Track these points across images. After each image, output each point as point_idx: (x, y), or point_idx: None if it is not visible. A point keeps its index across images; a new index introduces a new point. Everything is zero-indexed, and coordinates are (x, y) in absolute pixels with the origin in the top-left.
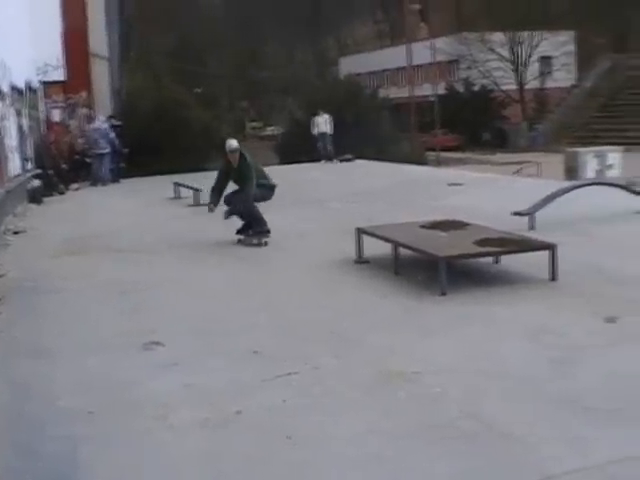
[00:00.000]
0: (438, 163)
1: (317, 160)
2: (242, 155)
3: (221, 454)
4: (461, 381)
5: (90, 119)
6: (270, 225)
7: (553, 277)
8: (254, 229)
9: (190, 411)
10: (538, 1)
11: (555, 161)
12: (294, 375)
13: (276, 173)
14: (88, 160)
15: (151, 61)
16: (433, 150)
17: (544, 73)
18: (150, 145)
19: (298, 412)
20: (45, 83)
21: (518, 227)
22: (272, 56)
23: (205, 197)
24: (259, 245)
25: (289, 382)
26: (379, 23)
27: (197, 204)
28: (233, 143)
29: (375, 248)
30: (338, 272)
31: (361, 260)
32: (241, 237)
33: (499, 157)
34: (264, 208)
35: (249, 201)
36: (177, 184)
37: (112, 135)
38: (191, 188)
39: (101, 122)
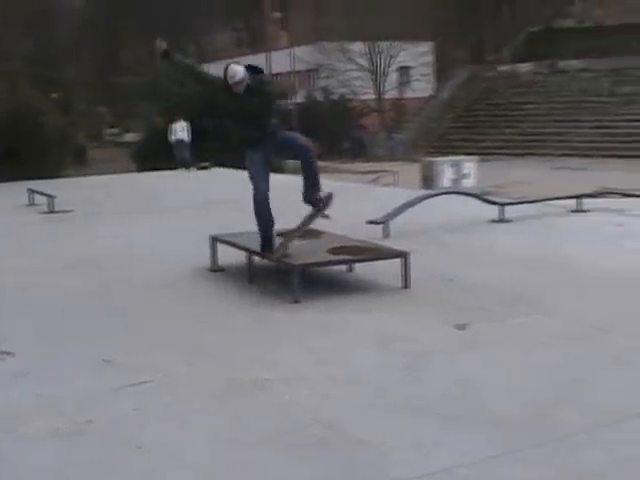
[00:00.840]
0: (294, 171)
1: (174, 168)
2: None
3: (71, 464)
4: (313, 388)
5: None
6: (122, 233)
7: (406, 285)
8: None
9: (40, 421)
10: (397, 13)
11: (412, 170)
12: (145, 384)
13: (132, 181)
14: None
15: (6, 65)
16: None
17: (403, 83)
18: (4, 151)
19: (149, 421)
20: None
21: (373, 235)
22: (132, 61)
23: (60, 204)
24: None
25: (140, 391)
26: (239, 31)
27: (51, 211)
28: (239, 71)
29: (231, 256)
30: (192, 281)
31: (216, 268)
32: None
33: (358, 166)
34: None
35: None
36: (31, 190)
37: None
38: (45, 195)
39: None
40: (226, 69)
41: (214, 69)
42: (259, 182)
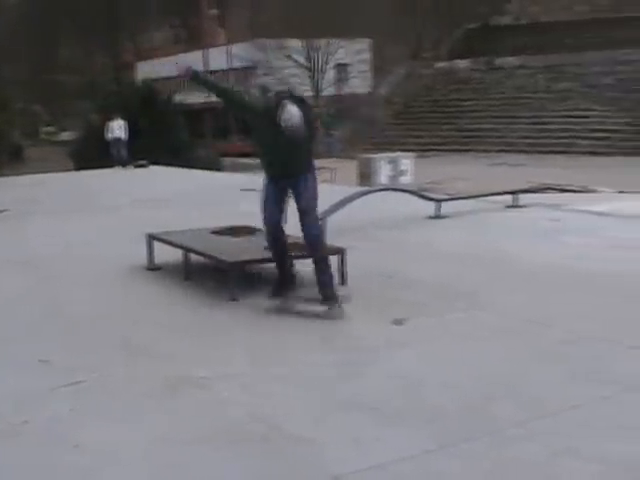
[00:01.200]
0: (233, 169)
1: (111, 166)
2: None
3: (6, 465)
4: (251, 386)
5: None
6: (59, 232)
7: (343, 281)
8: (323, 284)
9: None
10: (335, 10)
11: (350, 167)
12: (82, 384)
13: (69, 179)
14: None
15: None
16: (230, 156)
17: (341, 80)
18: None
19: (86, 421)
20: None
21: None
22: (68, 59)
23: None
24: (331, 314)
25: (77, 391)
26: (176, 28)
27: None
28: (295, 116)
29: (168, 254)
30: (129, 279)
31: (152, 267)
32: (279, 302)
33: None
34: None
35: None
36: None
37: None
38: None
39: None
40: (280, 105)
41: (150, 67)
42: (265, 211)
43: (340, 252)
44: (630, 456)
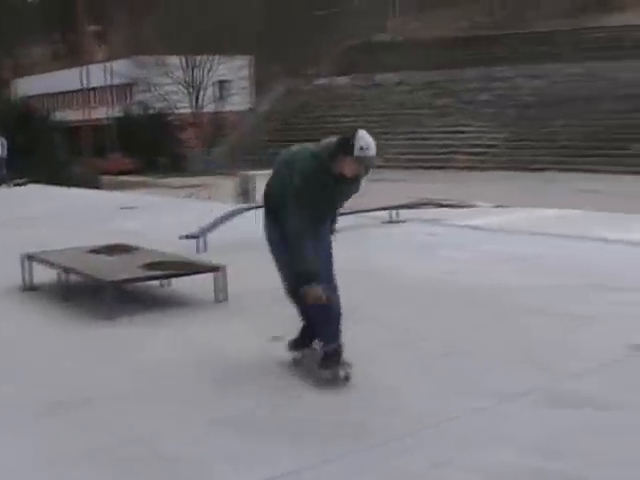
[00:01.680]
0: (112, 187)
1: None
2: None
3: None
4: (129, 405)
5: None
6: None
7: (221, 299)
8: (325, 345)
9: None
10: (215, 26)
11: (229, 184)
12: None
13: None
14: None
15: None
16: (109, 174)
17: (221, 97)
18: None
19: None
20: None
21: (188, 249)
22: None
23: None
24: (334, 381)
25: None
26: (55, 44)
27: None
28: (372, 143)
29: (45, 275)
30: (5, 301)
31: (29, 287)
32: (297, 354)
33: (176, 180)
34: None
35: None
36: None
37: None
38: None
39: None
40: (352, 136)
41: (28, 83)
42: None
43: (219, 269)
44: (505, 466)
